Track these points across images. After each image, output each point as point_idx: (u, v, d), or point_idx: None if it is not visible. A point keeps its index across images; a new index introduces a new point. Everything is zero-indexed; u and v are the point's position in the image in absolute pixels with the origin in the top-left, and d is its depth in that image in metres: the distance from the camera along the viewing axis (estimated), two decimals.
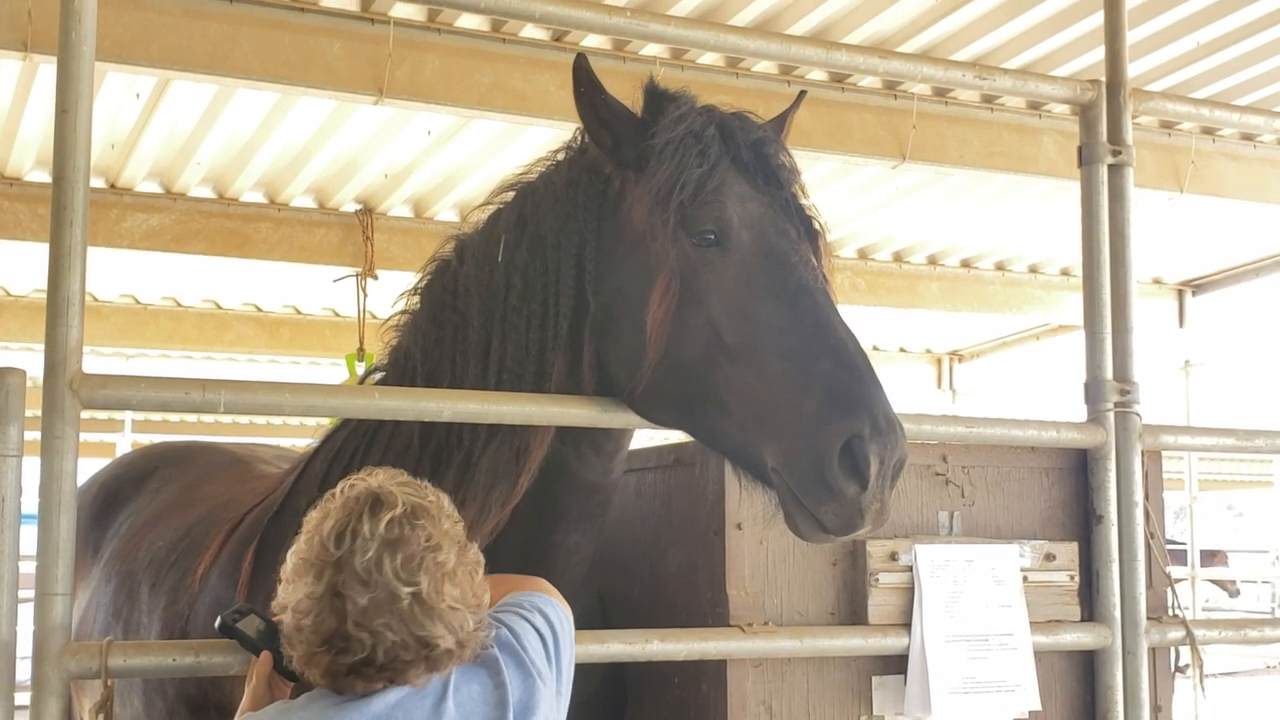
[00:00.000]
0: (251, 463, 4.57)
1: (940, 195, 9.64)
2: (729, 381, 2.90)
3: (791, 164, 3.16)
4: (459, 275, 3.28)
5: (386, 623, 2.34)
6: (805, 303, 2.92)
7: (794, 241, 3.02)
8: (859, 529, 2.79)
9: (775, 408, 2.84)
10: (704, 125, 3.06)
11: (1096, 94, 4.01)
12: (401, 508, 2.42)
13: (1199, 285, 12.22)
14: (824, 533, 2.82)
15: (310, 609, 2.36)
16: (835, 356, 2.85)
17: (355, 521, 2.39)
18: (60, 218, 2.87)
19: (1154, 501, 3.99)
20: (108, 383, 2.88)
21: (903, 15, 6.96)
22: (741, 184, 3.04)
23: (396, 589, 2.35)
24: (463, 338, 3.21)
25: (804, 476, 2.78)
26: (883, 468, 2.73)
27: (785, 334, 2.88)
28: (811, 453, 2.76)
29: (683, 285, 2.97)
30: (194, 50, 6.29)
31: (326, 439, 3.48)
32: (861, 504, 2.74)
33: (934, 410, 13.31)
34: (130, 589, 3.95)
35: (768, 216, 3.03)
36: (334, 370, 13.55)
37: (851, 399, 2.77)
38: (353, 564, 2.35)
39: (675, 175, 3.00)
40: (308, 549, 2.42)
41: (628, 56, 6.92)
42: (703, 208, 2.98)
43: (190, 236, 8.99)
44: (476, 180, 8.91)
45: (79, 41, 2.93)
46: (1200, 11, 7.02)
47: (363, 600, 2.33)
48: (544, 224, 3.16)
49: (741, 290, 2.94)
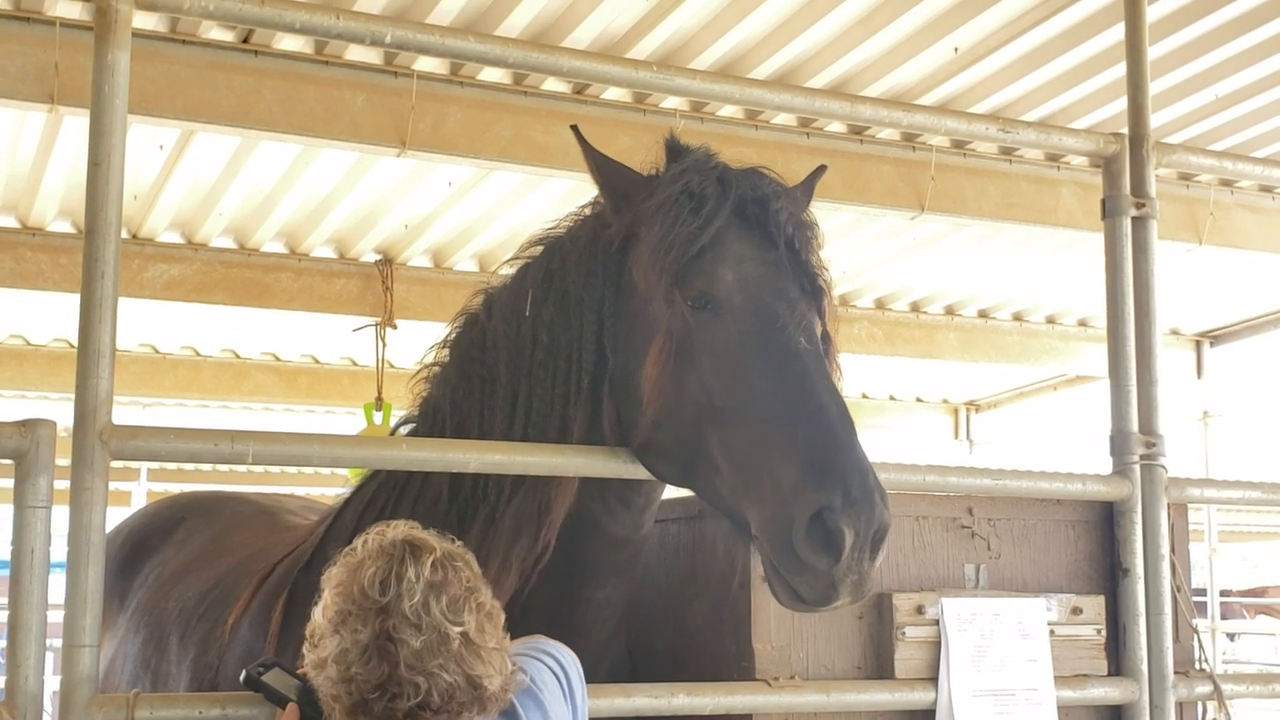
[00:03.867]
0: (279, 513, 4.57)
1: (958, 246, 9.65)
2: (720, 443, 2.90)
3: (799, 220, 3.10)
4: (487, 329, 3.30)
5: (441, 664, 2.34)
6: (792, 367, 2.88)
7: (791, 302, 2.98)
8: (835, 601, 2.74)
9: (756, 473, 2.82)
10: (701, 182, 3.05)
11: (1120, 147, 4.02)
12: (439, 551, 2.44)
13: (1217, 336, 12.19)
14: (801, 602, 2.80)
15: (359, 657, 2.35)
16: (814, 423, 2.80)
17: (398, 566, 2.39)
18: (91, 270, 2.90)
19: (1180, 554, 3.98)
20: (137, 434, 2.89)
21: (922, 68, 7.00)
22: (741, 243, 3.01)
23: (447, 629, 2.35)
24: (490, 391, 3.23)
25: (778, 546, 2.76)
26: (858, 539, 2.68)
27: (769, 398, 2.85)
28: (783, 522, 2.74)
29: (678, 346, 2.96)
30: (219, 102, 6.34)
31: (357, 490, 3.49)
32: (834, 576, 2.70)
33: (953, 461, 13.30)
34: (159, 640, 3.94)
35: (765, 277, 2.99)
36: (351, 419, 13.57)
37: (824, 469, 2.72)
38: (401, 608, 2.35)
39: (666, 234, 3.01)
40: (345, 600, 2.41)
41: (648, 109, 6.97)
42: (697, 268, 2.97)
43: (211, 286, 9.03)
44: (496, 231, 8.96)
45: (112, 95, 2.95)
46: (1219, 65, 7.04)
47: (416, 643, 2.33)
48: (569, 280, 3.18)
49: (731, 353, 2.93)
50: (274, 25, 3.36)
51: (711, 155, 3.18)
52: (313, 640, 2.44)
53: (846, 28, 6.63)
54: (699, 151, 3.18)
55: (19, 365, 11.44)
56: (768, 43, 6.70)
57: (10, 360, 11.42)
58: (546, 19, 6.35)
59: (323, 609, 2.44)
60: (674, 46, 6.63)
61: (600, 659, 3.13)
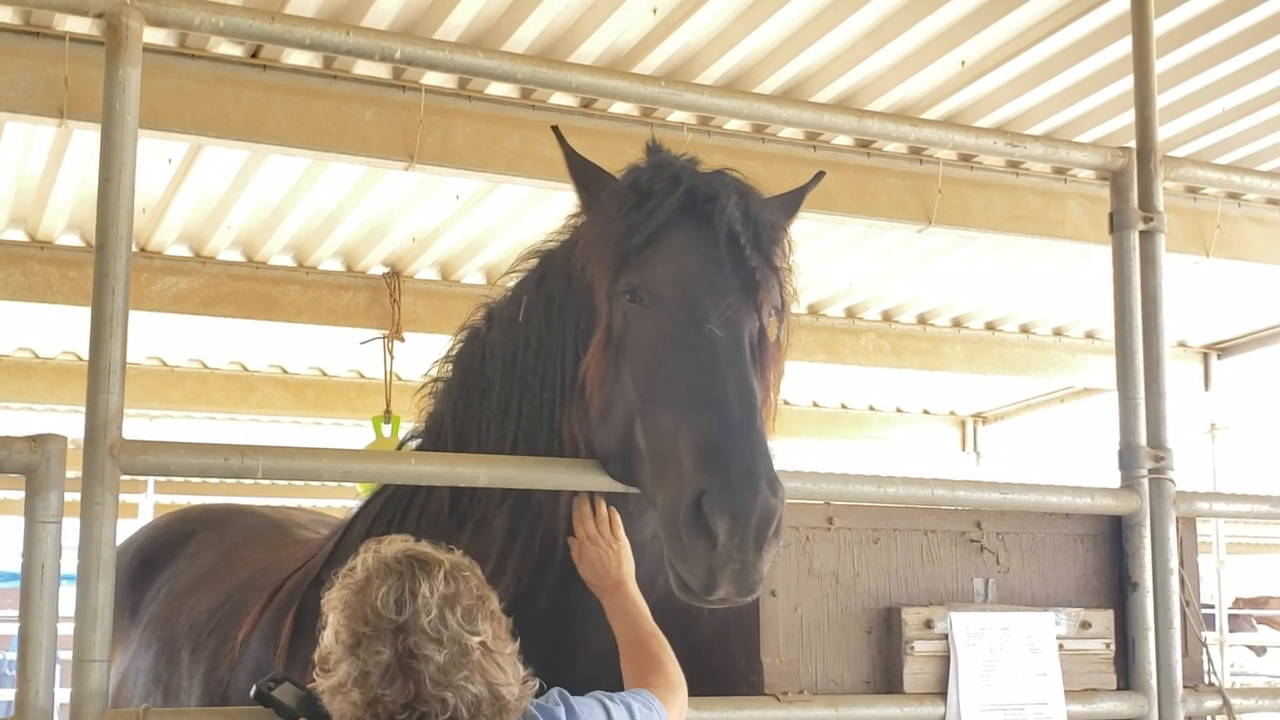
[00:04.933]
0: (288, 527, 4.58)
1: (965, 258, 9.66)
2: (641, 435, 2.90)
3: (754, 217, 3.05)
4: (486, 341, 3.33)
5: (466, 676, 2.34)
6: (704, 356, 2.87)
7: (721, 295, 2.95)
8: (717, 590, 2.71)
9: (662, 462, 2.82)
10: (652, 178, 3.06)
11: (1127, 161, 4.03)
12: (447, 564, 2.44)
13: (1224, 348, 12.18)
14: (688, 592, 2.77)
15: (382, 678, 2.34)
16: (712, 410, 2.79)
17: (410, 582, 2.38)
18: (102, 285, 2.90)
19: (1188, 568, 3.98)
20: (147, 449, 2.90)
21: (929, 81, 7.00)
22: (684, 238, 2.99)
23: (467, 640, 2.36)
24: (487, 400, 3.25)
25: (666, 533, 2.76)
26: (736, 526, 2.65)
27: (676, 388, 2.85)
28: (671, 508, 2.74)
29: (616, 341, 2.98)
30: (228, 117, 6.36)
31: (365, 505, 3.52)
32: (712, 563, 2.67)
33: (960, 474, 13.31)
34: (171, 654, 3.95)
35: (700, 272, 2.97)
36: (359, 432, 13.57)
37: (710, 455, 2.72)
38: (420, 624, 2.35)
39: (607, 227, 3.04)
40: (358, 622, 2.39)
41: (655, 123, 6.97)
42: (638, 262, 2.98)
43: (219, 299, 9.05)
44: (503, 244, 8.97)
45: (123, 111, 2.96)
46: (1226, 78, 7.04)
47: (440, 657, 2.33)
48: (554, 284, 3.21)
49: (652, 344, 2.93)
50: (284, 41, 3.38)
51: (678, 156, 3.18)
52: (325, 665, 2.43)
53: (853, 41, 6.64)
54: (668, 154, 3.18)
55: (27, 378, 11.46)
56: (775, 56, 6.71)
57: (19, 373, 11.44)
58: (554, 33, 6.36)
59: (334, 633, 2.42)
60: (681, 60, 6.65)
61: (601, 671, 3.13)
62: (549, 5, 6.13)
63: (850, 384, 13.01)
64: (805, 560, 3.48)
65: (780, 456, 2.90)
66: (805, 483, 3.39)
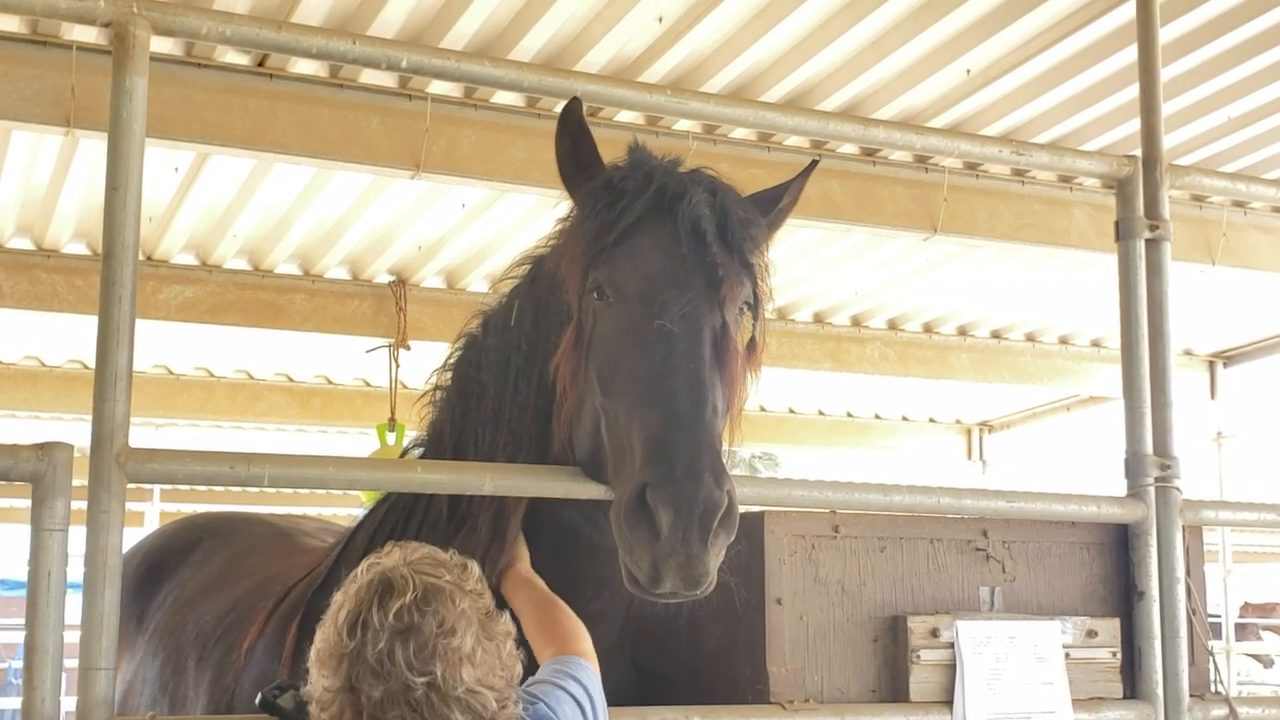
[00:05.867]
0: (295, 535, 4.59)
1: (971, 267, 9.66)
2: (605, 432, 2.90)
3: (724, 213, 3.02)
4: (482, 347, 3.35)
5: (400, 715, 2.30)
6: (658, 350, 2.86)
7: (683, 292, 2.93)
8: (663, 584, 2.69)
9: (619, 457, 2.83)
10: (625, 177, 3.05)
11: (1133, 170, 4.03)
12: (412, 593, 2.36)
13: (1231, 357, 12.17)
14: (637, 585, 2.76)
15: (330, 701, 2.34)
16: (661, 404, 2.78)
17: (366, 611, 2.34)
18: (109, 294, 2.91)
19: (1195, 577, 3.97)
20: (153, 457, 2.90)
21: (935, 90, 7.01)
22: (651, 236, 2.98)
23: (410, 679, 2.30)
24: (482, 406, 3.26)
25: (615, 526, 2.76)
26: (679, 518, 2.64)
27: (632, 382, 2.85)
28: (618, 501, 2.75)
29: (583, 339, 2.98)
30: (234, 126, 6.38)
31: (370, 513, 3.52)
32: (655, 555, 2.66)
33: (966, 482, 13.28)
34: (177, 663, 3.96)
35: (663, 268, 2.95)
36: (364, 440, 13.58)
37: (654, 447, 2.72)
38: (365, 656, 2.31)
39: (579, 226, 3.05)
40: (325, 640, 2.39)
41: (661, 131, 6.99)
42: (606, 260, 2.97)
43: (225, 308, 9.06)
44: (509, 252, 8.94)
45: (129, 120, 2.97)
46: (1231, 86, 7.04)
47: (376, 693, 2.30)
48: (544, 287, 3.22)
49: (613, 341, 2.93)
50: (292, 50, 3.39)
51: (657, 156, 3.17)
52: (314, 669, 2.44)
53: (859, 50, 6.64)
54: (647, 153, 3.17)
55: (33, 386, 11.48)
56: (780, 65, 6.73)
57: (25, 381, 11.46)
58: (560, 41, 6.38)
59: (318, 639, 2.43)
60: (687, 69, 6.66)
61: (602, 675, 3.13)
62: (555, 14, 6.14)
63: (856, 392, 13.00)
64: (811, 569, 3.48)
65: (786, 465, 2.90)
66: (811, 491, 3.39)
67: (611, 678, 3.08)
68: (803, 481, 3.40)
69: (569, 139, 3.15)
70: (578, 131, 3.15)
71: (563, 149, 3.16)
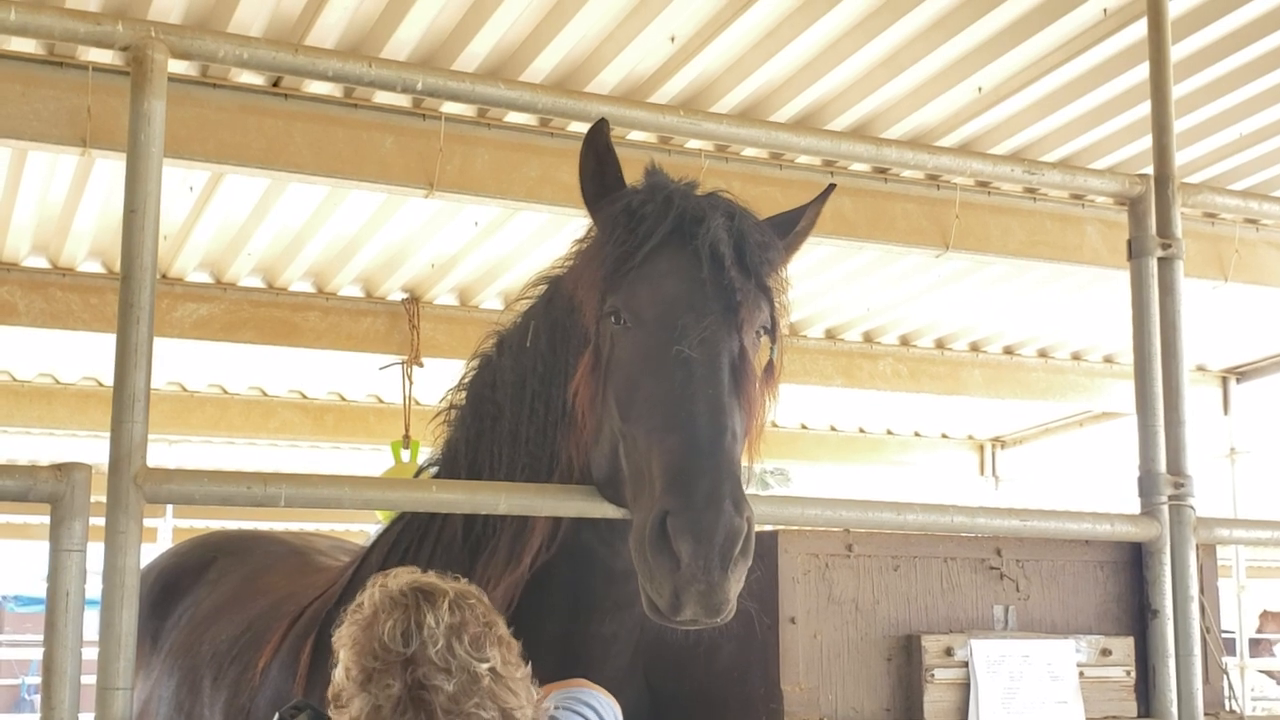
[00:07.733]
0: (309, 554, 4.60)
1: (983, 283, 9.66)
2: (624, 457, 2.91)
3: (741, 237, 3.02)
4: (497, 367, 3.35)
5: (477, 703, 2.36)
6: (677, 375, 2.86)
7: (700, 316, 2.93)
8: (683, 611, 2.69)
9: (638, 483, 2.83)
10: (644, 202, 3.05)
11: (1145, 188, 4.03)
12: (452, 593, 2.46)
13: (1243, 372, 12.15)
14: (657, 613, 2.76)
15: (393, 711, 2.36)
16: (682, 431, 2.79)
17: (416, 614, 2.41)
18: (127, 315, 2.92)
19: (1209, 595, 3.97)
20: (171, 478, 2.92)
21: (946, 108, 7.02)
22: (669, 260, 2.98)
23: (475, 668, 2.38)
24: (498, 427, 3.27)
25: (635, 554, 2.77)
26: (700, 546, 2.64)
27: (651, 408, 2.85)
28: (638, 528, 2.76)
29: (601, 363, 2.99)
30: (249, 145, 6.41)
31: (384, 533, 3.53)
32: (676, 583, 2.66)
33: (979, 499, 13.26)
34: (193, 682, 3.97)
35: (682, 293, 2.95)
36: (378, 457, 13.60)
37: (675, 475, 2.72)
38: (428, 655, 2.37)
39: (598, 252, 3.05)
40: (367, 658, 2.41)
41: (673, 150, 7.00)
42: (624, 285, 2.98)
43: (239, 326, 9.09)
44: (522, 270, 8.99)
45: (148, 143, 2.99)
46: (1243, 103, 7.05)
47: (449, 687, 2.36)
48: (560, 308, 3.22)
49: (632, 366, 2.93)
50: (308, 74, 3.40)
51: (674, 180, 3.18)
52: (339, 702, 2.45)
53: (870, 69, 6.66)
54: (664, 176, 3.18)
55: (48, 404, 11.53)
56: (791, 84, 6.74)
57: (40, 399, 11.51)
58: (573, 61, 6.40)
59: (344, 670, 2.44)
60: (698, 89, 6.68)
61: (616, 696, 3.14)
62: (567, 34, 6.17)
63: (868, 408, 13.00)
64: (825, 587, 3.48)
65: (798, 480, 2.91)
66: (824, 510, 3.40)
67: (624, 700, 3.09)
68: (816, 500, 3.40)
69: (594, 159, 3.16)
70: (604, 152, 3.15)
71: (587, 169, 3.17)
